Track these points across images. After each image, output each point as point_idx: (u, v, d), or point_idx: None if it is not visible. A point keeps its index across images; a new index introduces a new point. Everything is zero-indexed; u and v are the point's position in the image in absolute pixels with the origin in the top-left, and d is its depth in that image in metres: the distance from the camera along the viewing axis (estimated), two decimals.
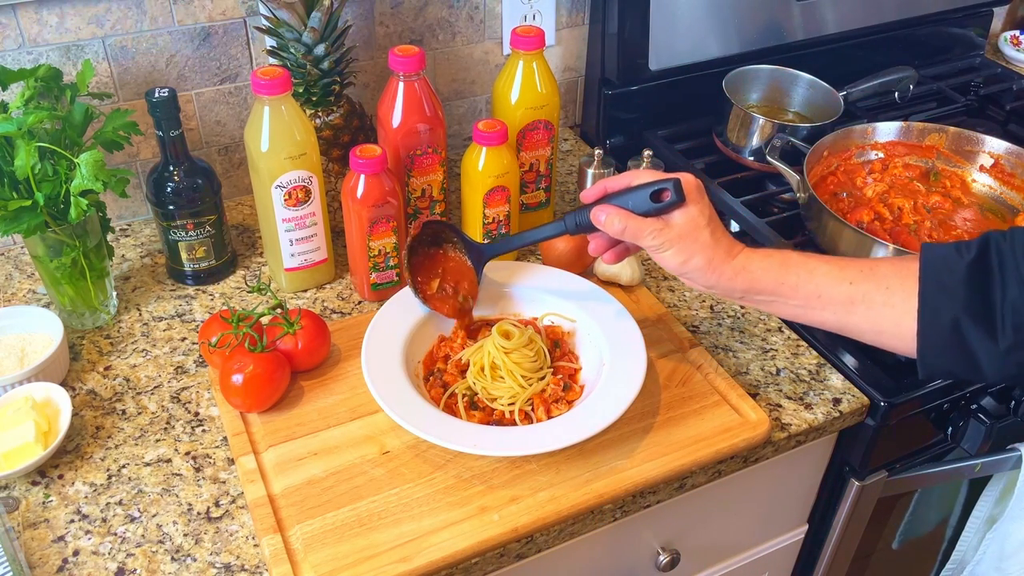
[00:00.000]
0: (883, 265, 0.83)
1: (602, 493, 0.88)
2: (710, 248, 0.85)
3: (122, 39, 1.15)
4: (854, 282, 0.83)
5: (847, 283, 0.83)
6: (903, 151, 1.30)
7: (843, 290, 0.83)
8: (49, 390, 0.96)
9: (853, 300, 0.82)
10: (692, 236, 0.85)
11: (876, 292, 0.81)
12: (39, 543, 0.85)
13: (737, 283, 0.86)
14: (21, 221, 0.98)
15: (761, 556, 1.20)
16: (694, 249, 0.85)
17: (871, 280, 0.82)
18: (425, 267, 1.02)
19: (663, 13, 1.34)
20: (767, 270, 0.86)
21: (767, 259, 0.86)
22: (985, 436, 1.10)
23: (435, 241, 1.02)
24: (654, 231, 0.85)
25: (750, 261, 0.86)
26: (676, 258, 0.86)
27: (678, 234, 0.85)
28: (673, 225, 0.86)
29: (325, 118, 1.16)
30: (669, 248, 0.86)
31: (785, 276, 0.85)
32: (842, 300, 0.83)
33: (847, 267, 0.84)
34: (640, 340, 0.98)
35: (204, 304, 1.14)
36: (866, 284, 0.82)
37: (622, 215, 0.86)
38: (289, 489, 0.87)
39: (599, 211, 0.88)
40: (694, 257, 0.85)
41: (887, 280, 0.81)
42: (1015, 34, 1.80)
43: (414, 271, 1.01)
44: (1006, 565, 1.07)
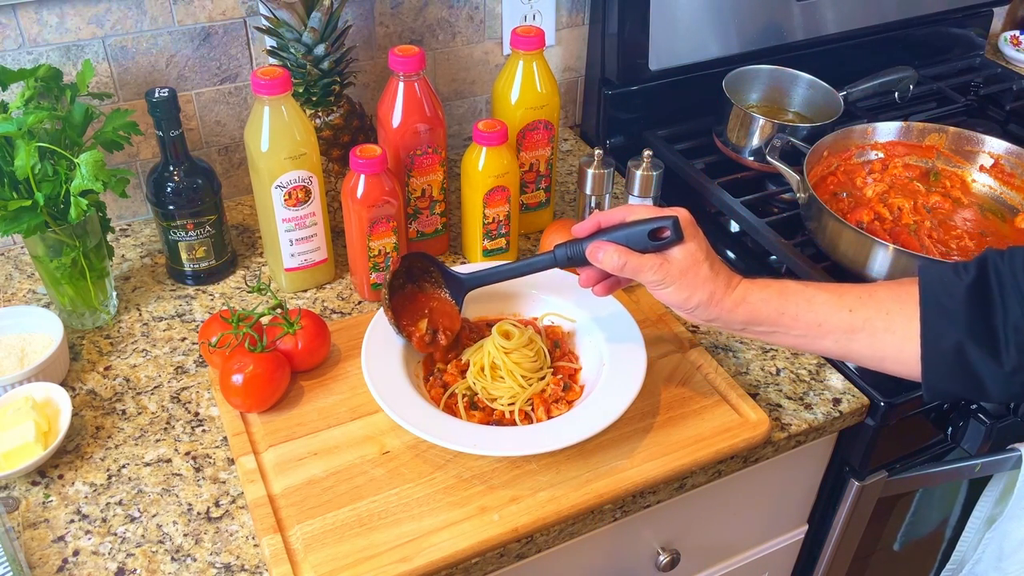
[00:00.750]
0: (882, 290, 0.83)
1: (602, 493, 0.88)
2: (711, 282, 0.85)
3: (122, 39, 1.15)
4: (854, 309, 0.82)
5: (847, 311, 0.83)
6: (903, 151, 1.30)
7: (843, 318, 0.83)
8: (49, 390, 0.96)
9: (854, 327, 0.82)
10: (693, 271, 0.85)
11: (877, 318, 0.81)
12: (39, 543, 0.85)
13: (738, 315, 0.86)
14: (21, 221, 0.98)
15: (761, 556, 1.20)
16: (696, 284, 0.85)
17: (871, 306, 0.82)
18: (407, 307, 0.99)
19: (663, 13, 1.34)
20: (767, 300, 0.85)
21: (766, 289, 0.86)
22: (985, 436, 1.10)
23: (412, 275, 0.99)
24: (654, 267, 0.85)
25: (749, 292, 0.86)
26: (678, 295, 0.85)
27: (679, 270, 0.85)
28: (673, 261, 0.85)
29: (325, 118, 1.16)
30: (671, 284, 0.85)
31: (785, 306, 0.85)
32: (843, 328, 0.83)
33: (846, 294, 0.84)
34: (640, 340, 0.98)
35: (204, 304, 1.14)
36: (866, 311, 0.82)
37: (621, 252, 0.85)
38: (289, 489, 0.87)
39: (596, 248, 0.86)
40: (697, 292, 0.85)
41: (887, 306, 0.81)
42: (1015, 34, 1.80)
43: (396, 312, 0.97)
44: (1005, 564, 1.07)
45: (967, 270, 0.79)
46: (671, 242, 0.85)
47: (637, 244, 0.86)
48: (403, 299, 0.98)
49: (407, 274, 0.99)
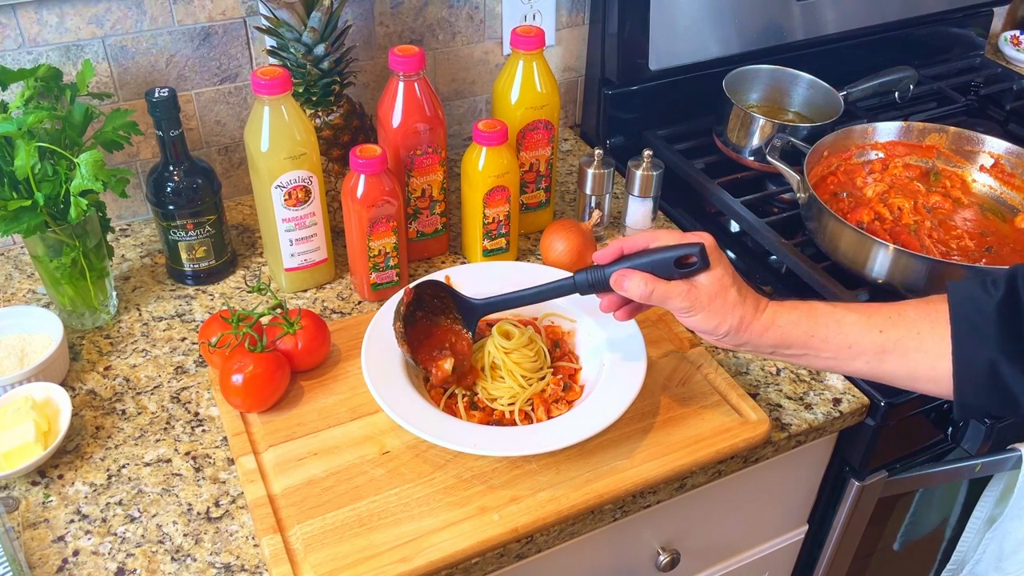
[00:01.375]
0: (911, 309, 0.83)
1: (602, 493, 0.88)
2: (740, 307, 0.84)
3: (122, 39, 1.15)
4: (884, 330, 0.82)
5: (877, 331, 0.82)
6: (903, 151, 1.30)
7: (874, 339, 0.82)
8: (49, 390, 0.96)
9: (885, 348, 0.82)
10: (721, 297, 0.83)
11: (908, 338, 0.81)
12: (39, 543, 0.85)
13: (767, 339, 0.85)
14: (21, 221, 0.98)
15: (761, 556, 1.20)
16: (725, 310, 0.84)
17: (901, 326, 0.82)
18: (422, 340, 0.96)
19: (663, 13, 1.34)
20: (796, 323, 0.84)
21: (794, 311, 0.85)
22: (985, 436, 1.10)
23: (422, 302, 0.97)
24: (682, 294, 0.83)
25: (778, 315, 0.85)
26: (708, 321, 0.84)
27: (707, 296, 0.83)
28: (700, 287, 0.84)
29: (325, 118, 1.16)
30: (699, 312, 0.84)
31: (814, 328, 0.84)
32: (874, 349, 0.82)
33: (875, 314, 0.83)
34: (640, 340, 0.98)
35: (204, 304, 1.14)
36: (896, 331, 0.82)
37: (647, 279, 0.83)
38: (289, 489, 0.87)
39: (622, 276, 0.85)
40: (727, 318, 0.84)
41: (918, 325, 0.81)
42: (1015, 34, 1.80)
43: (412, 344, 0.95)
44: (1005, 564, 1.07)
45: (996, 286, 0.79)
46: (698, 269, 0.83)
47: (662, 271, 0.84)
48: (417, 331, 0.96)
49: (418, 302, 0.97)
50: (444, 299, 0.98)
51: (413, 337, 0.95)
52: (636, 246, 0.86)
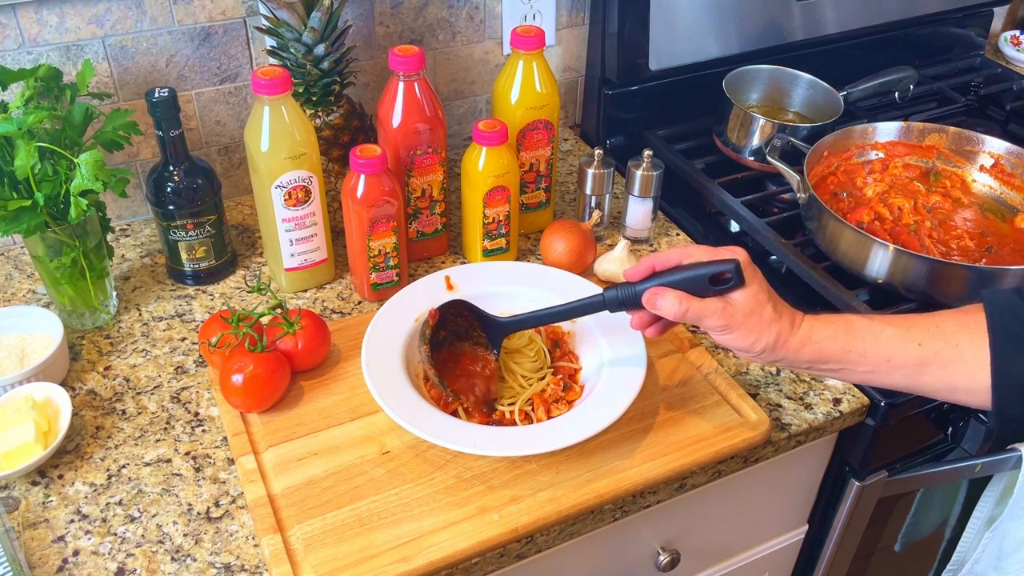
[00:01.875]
0: (949, 321, 0.82)
1: (602, 493, 0.88)
2: (776, 323, 0.82)
3: (122, 39, 1.15)
4: (923, 342, 0.81)
5: (915, 344, 0.82)
6: (903, 151, 1.30)
7: (912, 352, 0.81)
8: (49, 390, 0.96)
9: (924, 361, 0.81)
10: (757, 314, 0.82)
11: (946, 350, 0.81)
12: (39, 543, 0.85)
13: (803, 355, 0.84)
14: (21, 221, 0.98)
15: (761, 556, 1.20)
16: (761, 327, 0.82)
17: (939, 338, 0.81)
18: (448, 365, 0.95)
19: (663, 13, 1.34)
20: (833, 339, 0.83)
21: (830, 326, 0.84)
22: (985, 436, 1.10)
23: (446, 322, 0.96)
24: (717, 312, 0.82)
25: (814, 330, 0.83)
26: (744, 339, 0.83)
27: (743, 313, 0.82)
28: (736, 304, 0.82)
29: (325, 118, 1.16)
30: (735, 330, 0.82)
31: (852, 343, 0.83)
32: (913, 362, 0.82)
33: (912, 327, 0.82)
34: (640, 340, 0.98)
35: (204, 304, 1.14)
36: (935, 343, 0.81)
37: (681, 298, 0.82)
38: (289, 489, 0.87)
39: (655, 295, 0.83)
40: (763, 336, 0.82)
41: (956, 337, 0.81)
42: (1015, 34, 1.80)
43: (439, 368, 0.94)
44: (1005, 564, 1.07)
45: None
46: (733, 286, 0.82)
47: (696, 288, 0.82)
48: (443, 353, 0.95)
49: (442, 322, 0.95)
50: (468, 318, 0.97)
51: (439, 359, 0.94)
52: (668, 263, 0.84)
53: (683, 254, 0.84)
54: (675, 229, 1.29)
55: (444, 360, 0.95)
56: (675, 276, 0.83)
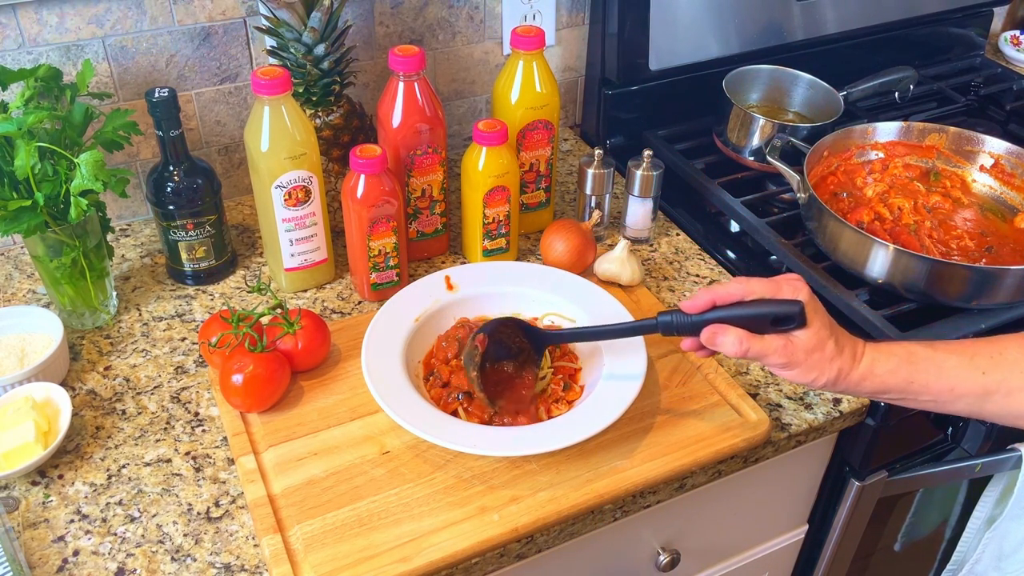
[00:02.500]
0: (1012, 348, 0.83)
1: (602, 493, 0.88)
2: (838, 359, 0.82)
3: (122, 39, 1.15)
4: (987, 371, 0.82)
5: (979, 372, 0.82)
6: (903, 151, 1.30)
7: (976, 380, 0.82)
8: (49, 390, 0.96)
9: (988, 390, 0.82)
10: (819, 351, 0.82)
11: (1012, 378, 0.81)
12: (39, 543, 0.85)
13: (865, 387, 0.84)
14: (21, 221, 0.98)
15: (761, 556, 1.20)
16: (822, 364, 0.82)
17: (1004, 367, 0.81)
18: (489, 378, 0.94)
19: (663, 13, 1.34)
20: (894, 372, 0.83)
21: (892, 358, 0.83)
22: (985, 436, 1.10)
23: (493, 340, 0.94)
24: (778, 351, 0.81)
25: (875, 363, 0.83)
26: (806, 376, 0.83)
27: (804, 351, 0.81)
28: (797, 342, 0.81)
29: (325, 118, 1.16)
30: (796, 367, 0.82)
31: (914, 375, 0.83)
32: (976, 391, 0.82)
33: (976, 355, 0.83)
34: (640, 340, 0.98)
35: (204, 304, 1.14)
36: (999, 372, 0.81)
37: (742, 338, 0.81)
38: (289, 489, 0.87)
39: (715, 333, 0.82)
40: (824, 372, 0.82)
41: (1021, 364, 0.81)
42: (1015, 34, 1.80)
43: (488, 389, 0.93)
44: (1005, 564, 1.07)
45: None
46: (795, 327, 0.82)
47: (756, 326, 0.82)
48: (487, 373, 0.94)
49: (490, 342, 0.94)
50: (512, 331, 0.95)
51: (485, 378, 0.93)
52: (730, 298, 0.83)
53: (745, 290, 0.83)
54: (675, 229, 1.29)
55: (487, 378, 0.94)
56: (736, 312, 0.83)
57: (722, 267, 1.22)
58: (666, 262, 1.22)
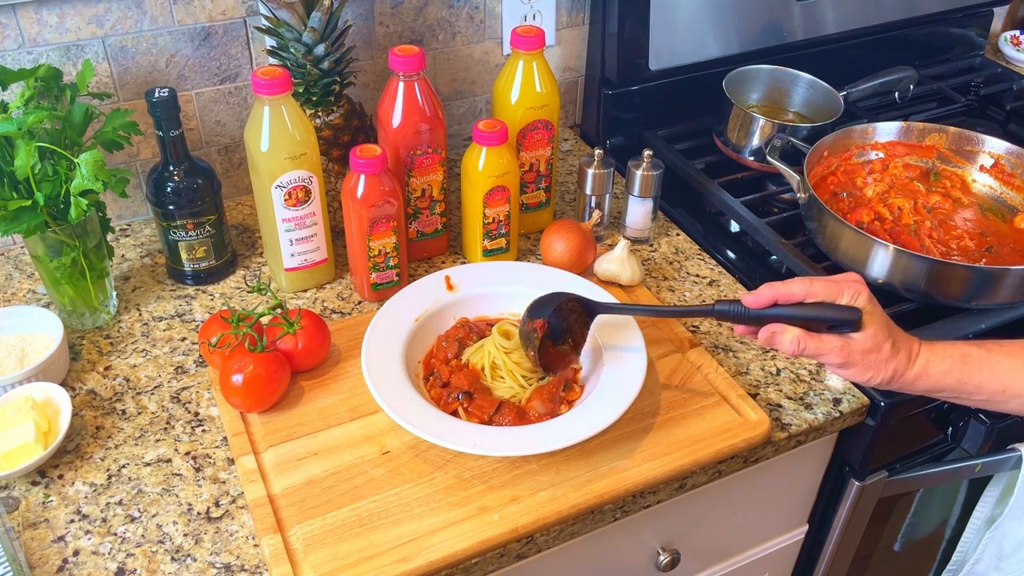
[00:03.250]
0: None
1: (602, 493, 0.88)
2: (893, 360, 0.85)
3: (122, 39, 1.15)
4: None
5: None
6: (903, 151, 1.30)
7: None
8: (49, 390, 0.96)
9: None
10: (875, 352, 0.85)
11: None
12: (39, 543, 0.85)
13: (919, 386, 0.87)
14: (21, 221, 0.98)
15: (761, 556, 1.20)
16: (878, 365, 0.85)
17: None
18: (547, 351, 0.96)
19: (663, 13, 1.34)
20: (948, 372, 0.86)
21: (946, 359, 0.86)
22: (985, 436, 1.10)
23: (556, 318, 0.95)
24: (835, 351, 0.84)
25: (930, 364, 0.86)
26: (861, 375, 0.86)
27: (861, 352, 0.85)
28: (855, 343, 0.85)
29: (325, 118, 1.16)
30: (852, 367, 0.86)
31: (967, 375, 0.86)
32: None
33: None
34: (640, 340, 0.98)
35: (204, 304, 1.14)
36: None
37: (800, 338, 0.84)
38: (289, 489, 0.87)
39: (775, 332, 0.85)
40: (880, 373, 0.85)
41: None
42: (1015, 34, 1.80)
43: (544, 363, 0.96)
44: (1005, 564, 1.07)
45: None
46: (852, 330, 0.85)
47: (815, 328, 0.85)
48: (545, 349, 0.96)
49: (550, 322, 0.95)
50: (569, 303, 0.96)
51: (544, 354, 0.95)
52: (792, 297, 0.86)
53: (807, 292, 0.85)
54: (675, 229, 1.29)
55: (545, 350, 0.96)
56: (795, 311, 0.85)
57: (722, 267, 1.22)
58: (666, 262, 1.23)
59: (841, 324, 0.85)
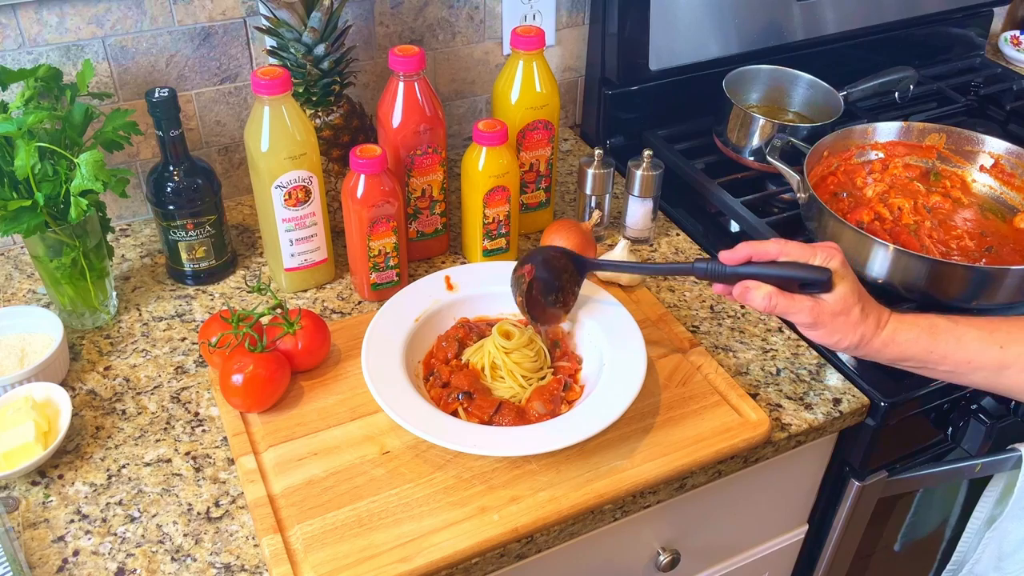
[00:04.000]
0: None
1: (602, 493, 0.88)
2: (861, 324, 0.87)
3: (122, 39, 1.15)
4: (1004, 345, 0.85)
5: (997, 347, 0.85)
6: (903, 151, 1.30)
7: (994, 354, 0.85)
8: (49, 390, 0.96)
9: (1005, 363, 0.85)
10: (844, 315, 0.86)
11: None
12: (39, 543, 0.85)
13: (886, 354, 0.89)
14: (21, 221, 0.98)
15: (761, 556, 1.20)
16: (846, 328, 0.87)
17: (1021, 342, 0.85)
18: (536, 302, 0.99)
19: (663, 13, 1.34)
20: (915, 341, 0.87)
21: (914, 328, 0.88)
22: (985, 436, 1.10)
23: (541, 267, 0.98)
24: (805, 310, 0.86)
25: (898, 332, 0.88)
26: (829, 337, 0.88)
27: (830, 313, 0.86)
28: (824, 304, 0.87)
29: (325, 118, 1.16)
30: (821, 328, 0.87)
31: (934, 345, 0.87)
32: (993, 365, 0.85)
33: (996, 330, 0.86)
34: (640, 340, 0.98)
35: (204, 304, 1.14)
36: (1017, 346, 0.85)
37: (771, 294, 0.86)
38: (289, 489, 0.87)
39: (747, 288, 0.88)
40: (848, 336, 0.87)
41: None
42: (1015, 34, 1.80)
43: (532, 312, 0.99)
44: (1005, 564, 1.07)
45: None
46: (822, 291, 0.86)
47: (786, 285, 0.87)
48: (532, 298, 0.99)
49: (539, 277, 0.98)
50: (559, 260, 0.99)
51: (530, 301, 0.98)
52: (766, 256, 0.88)
53: (780, 249, 0.88)
54: (675, 229, 1.29)
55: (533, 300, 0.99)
56: (768, 270, 0.88)
57: None
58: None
59: (812, 284, 0.86)
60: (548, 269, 0.97)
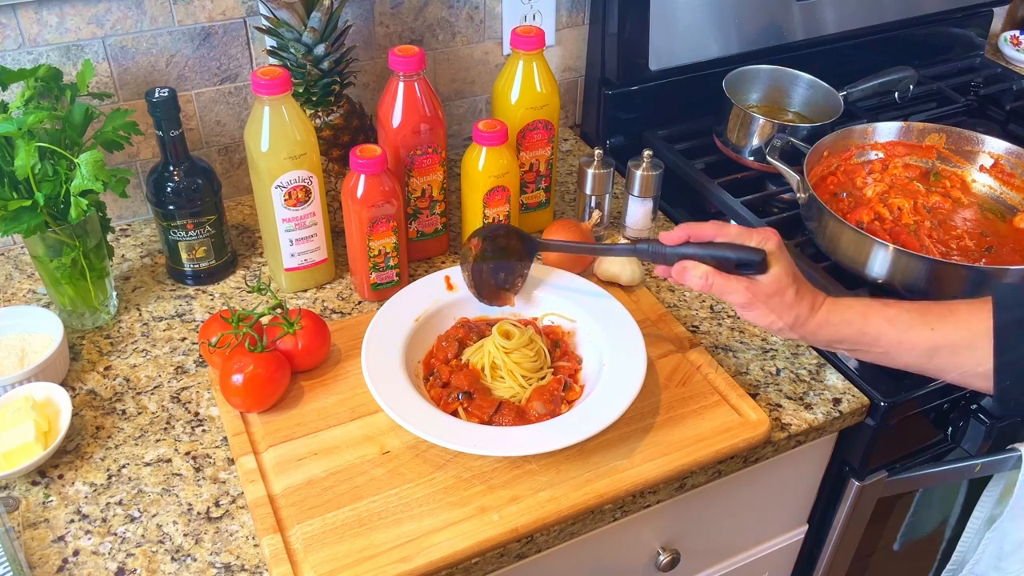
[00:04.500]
0: (961, 308, 0.86)
1: (602, 493, 0.88)
2: (796, 306, 0.88)
3: (122, 39, 1.15)
4: (935, 327, 0.85)
5: (928, 329, 0.85)
6: (903, 151, 1.30)
7: (925, 336, 0.86)
8: (49, 390, 0.96)
9: (936, 345, 0.85)
10: (778, 296, 0.88)
11: (957, 335, 0.84)
12: (39, 543, 0.85)
13: (821, 335, 0.90)
14: (21, 221, 0.98)
15: (761, 556, 1.20)
16: (781, 309, 0.88)
17: (951, 323, 0.85)
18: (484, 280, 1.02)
19: (663, 13, 1.34)
20: (849, 322, 0.88)
21: (848, 310, 0.89)
22: (985, 436, 1.10)
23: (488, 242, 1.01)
24: (739, 290, 0.88)
25: (831, 314, 0.89)
26: (764, 318, 0.89)
27: (765, 294, 0.88)
28: (759, 285, 0.88)
29: (325, 118, 1.16)
30: (756, 309, 0.89)
31: (866, 327, 0.88)
32: (925, 346, 0.86)
33: (927, 313, 0.87)
34: (640, 340, 0.98)
35: (204, 304, 1.14)
36: (947, 328, 0.85)
37: (707, 274, 0.88)
38: (289, 489, 0.87)
39: (684, 267, 0.90)
40: (782, 316, 0.88)
41: (967, 323, 0.84)
42: (1015, 34, 1.80)
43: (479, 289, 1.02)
44: (1005, 564, 1.07)
45: None
46: (757, 272, 0.88)
47: (723, 267, 0.89)
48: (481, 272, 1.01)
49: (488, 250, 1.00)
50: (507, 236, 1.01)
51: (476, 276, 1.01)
52: (703, 236, 0.90)
53: (718, 231, 0.90)
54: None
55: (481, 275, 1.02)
56: (706, 251, 0.89)
57: None
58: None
59: (747, 265, 0.88)
60: (499, 252, 1.00)
